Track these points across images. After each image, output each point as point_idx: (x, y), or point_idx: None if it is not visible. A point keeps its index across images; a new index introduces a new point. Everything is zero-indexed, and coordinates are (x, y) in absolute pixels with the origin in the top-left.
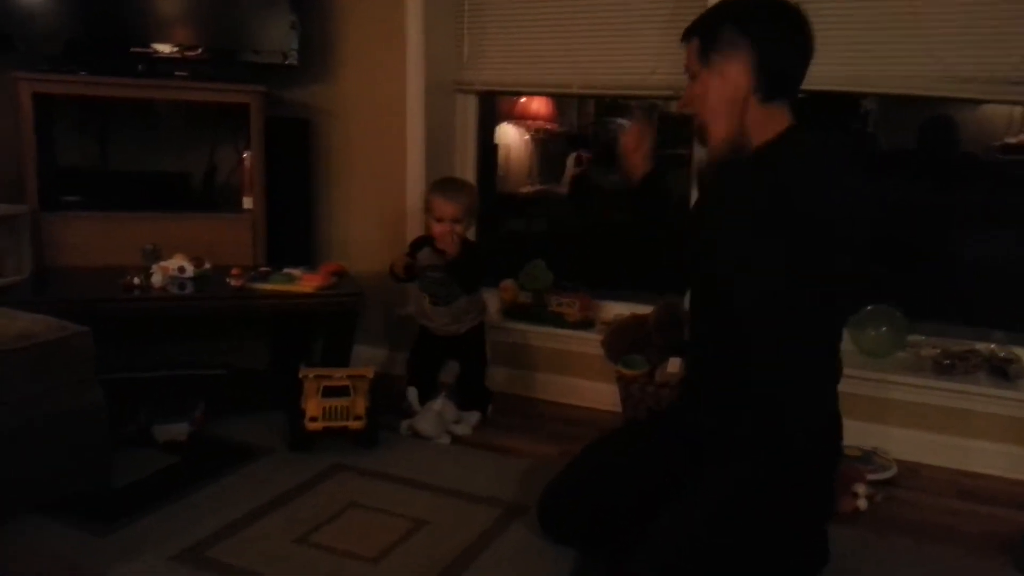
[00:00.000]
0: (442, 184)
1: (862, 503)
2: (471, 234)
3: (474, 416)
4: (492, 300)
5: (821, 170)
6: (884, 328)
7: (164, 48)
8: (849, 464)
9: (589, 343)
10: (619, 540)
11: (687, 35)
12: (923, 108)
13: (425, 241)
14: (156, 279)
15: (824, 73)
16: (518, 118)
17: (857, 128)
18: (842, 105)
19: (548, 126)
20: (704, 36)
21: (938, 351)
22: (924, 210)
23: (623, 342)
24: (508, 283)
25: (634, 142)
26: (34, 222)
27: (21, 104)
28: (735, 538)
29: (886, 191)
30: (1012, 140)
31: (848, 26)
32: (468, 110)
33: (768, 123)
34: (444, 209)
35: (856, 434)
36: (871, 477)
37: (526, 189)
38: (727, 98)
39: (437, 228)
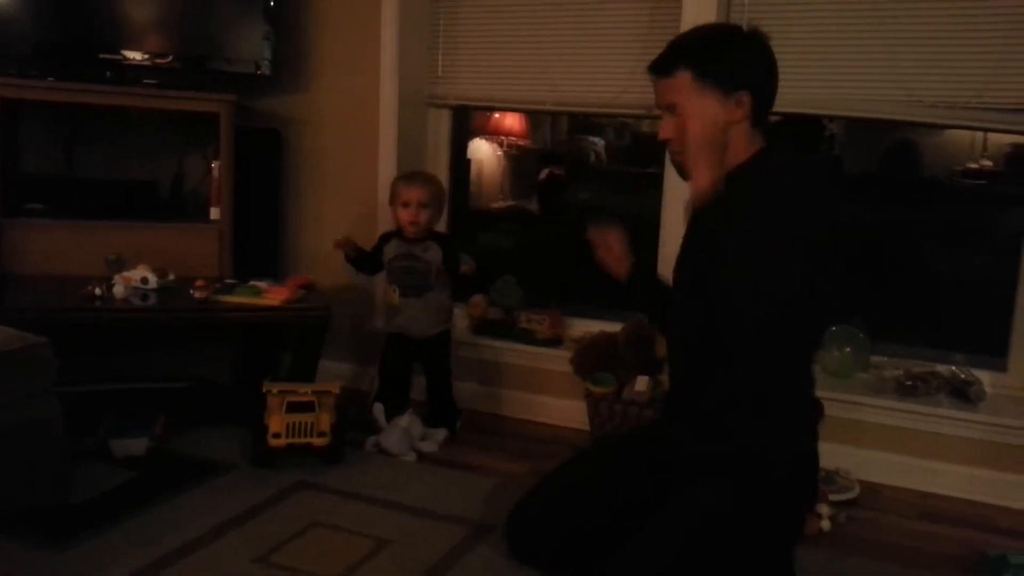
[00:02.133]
0: (408, 174)
1: (825, 524)
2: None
3: (441, 433)
4: (461, 316)
5: (799, 189)
6: (848, 349)
7: (134, 55)
8: None
9: (558, 360)
10: (588, 562)
11: (666, 68)
12: (888, 132)
13: (391, 235)
14: (118, 290)
15: (793, 96)
16: (491, 133)
17: (823, 151)
18: (808, 128)
19: (521, 142)
20: (697, 68)
21: (900, 372)
22: (887, 231)
23: (592, 359)
24: (478, 298)
25: (606, 251)
26: None
27: None
28: (701, 565)
29: (852, 211)
30: (974, 165)
31: (816, 50)
32: (441, 124)
33: (748, 146)
34: (409, 194)
35: (820, 454)
36: (833, 498)
37: (498, 204)
38: (717, 130)
39: (403, 213)
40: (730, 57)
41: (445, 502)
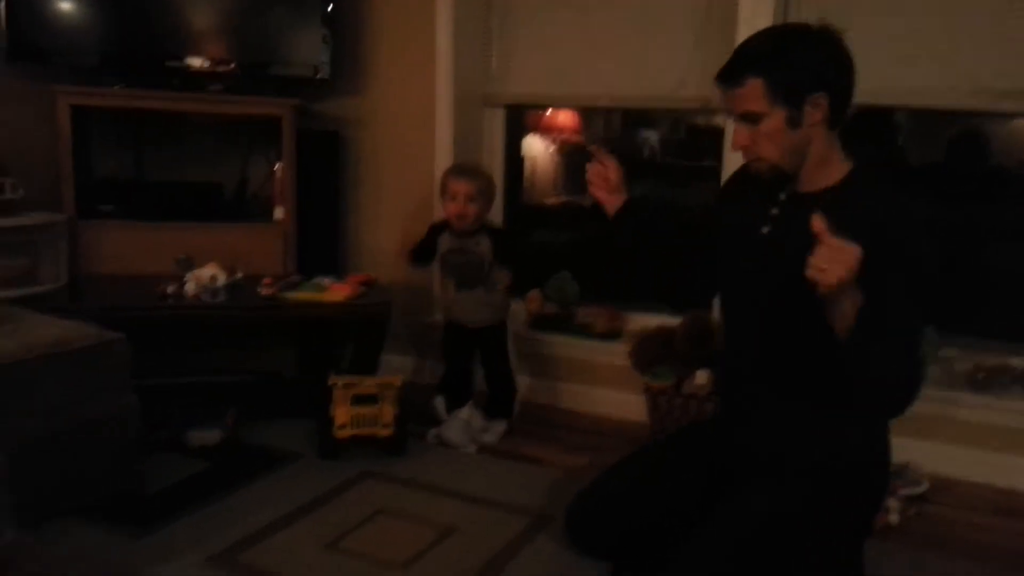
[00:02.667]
0: (457, 166)
1: (894, 518)
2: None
3: (501, 425)
4: (518, 311)
5: (908, 208)
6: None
7: (198, 62)
8: None
9: (616, 354)
10: (649, 555)
11: (735, 77)
12: (953, 122)
13: (444, 227)
14: (190, 288)
15: (859, 87)
16: (544, 130)
17: (888, 142)
18: (872, 119)
19: (574, 138)
20: (771, 77)
21: (971, 365)
22: (954, 223)
23: (651, 353)
24: (534, 294)
25: (599, 181)
26: (71, 231)
27: (59, 116)
28: (769, 560)
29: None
30: None
31: (879, 39)
32: (495, 123)
33: (829, 150)
34: (457, 187)
35: None
36: (903, 492)
37: (551, 201)
38: (796, 136)
39: (451, 206)
40: (801, 60)
41: (506, 492)
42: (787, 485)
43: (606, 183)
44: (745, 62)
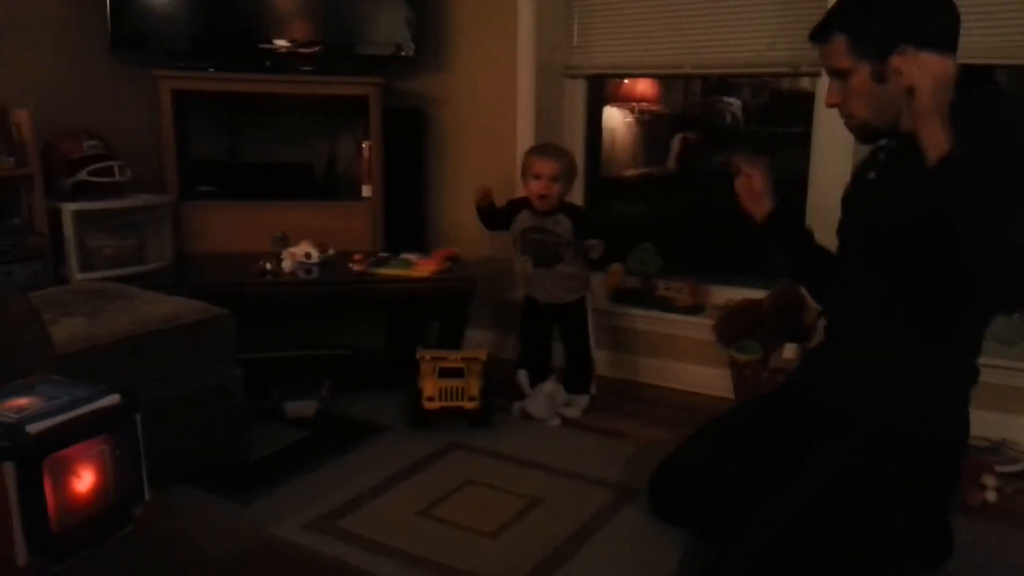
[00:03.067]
0: (540, 146)
1: (991, 496)
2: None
3: (583, 400)
4: (599, 284)
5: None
6: (1016, 314)
7: (287, 43)
8: (978, 455)
9: (698, 328)
10: (732, 522)
11: (822, 35)
12: None
13: (522, 204)
14: (286, 264)
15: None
16: (623, 100)
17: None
18: (972, 79)
19: (653, 107)
20: (855, 32)
21: None
22: None
23: (735, 327)
24: (616, 267)
25: (747, 191)
26: (175, 211)
27: (161, 100)
28: (845, 521)
29: None
30: None
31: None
32: (576, 95)
33: None
34: (541, 167)
35: (985, 424)
36: (1000, 469)
37: (631, 172)
38: (890, 92)
39: (534, 186)
40: (884, 13)
41: (590, 465)
42: (853, 449)
43: (751, 193)
44: (832, 19)
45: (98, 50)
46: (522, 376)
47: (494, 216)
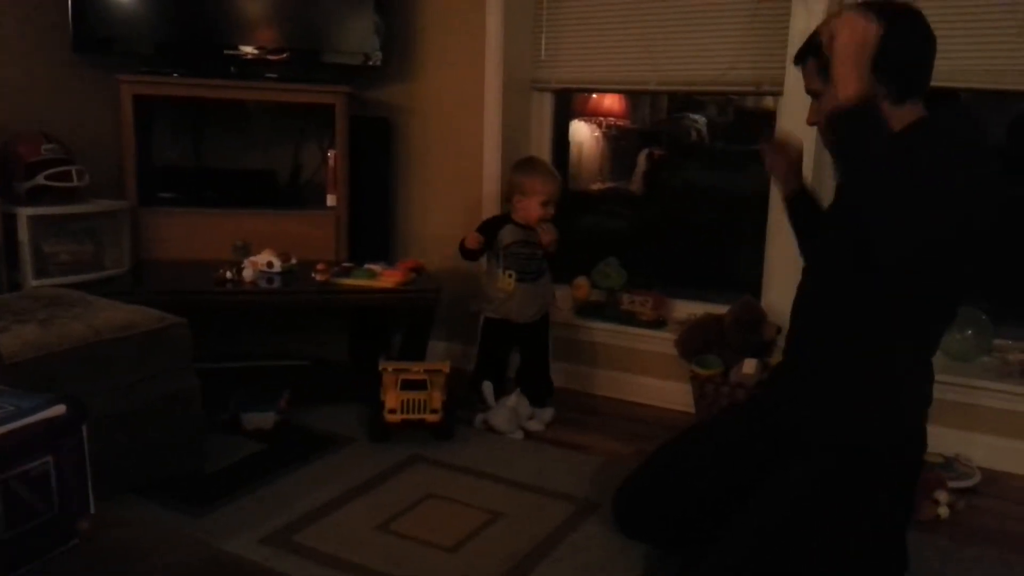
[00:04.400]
0: (532, 164)
1: (943, 511)
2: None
3: (548, 413)
4: (565, 297)
5: (958, 157)
6: (969, 331)
7: (253, 50)
8: (931, 470)
9: (661, 342)
10: (695, 538)
11: (800, 57)
12: (1015, 103)
13: (503, 220)
14: (247, 273)
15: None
16: (590, 115)
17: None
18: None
19: (620, 122)
20: (819, 56)
21: None
22: (1012, 208)
23: (697, 341)
24: (581, 281)
25: (781, 160)
26: (133, 218)
27: (122, 105)
28: (808, 539)
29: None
30: None
31: (939, 19)
32: (544, 108)
33: (899, 120)
34: (548, 189)
35: (939, 440)
36: (953, 484)
37: (597, 186)
38: None
39: (538, 209)
40: None
41: (553, 479)
42: (817, 465)
43: (785, 165)
44: (807, 44)
45: (60, 53)
46: (487, 388)
47: (481, 248)
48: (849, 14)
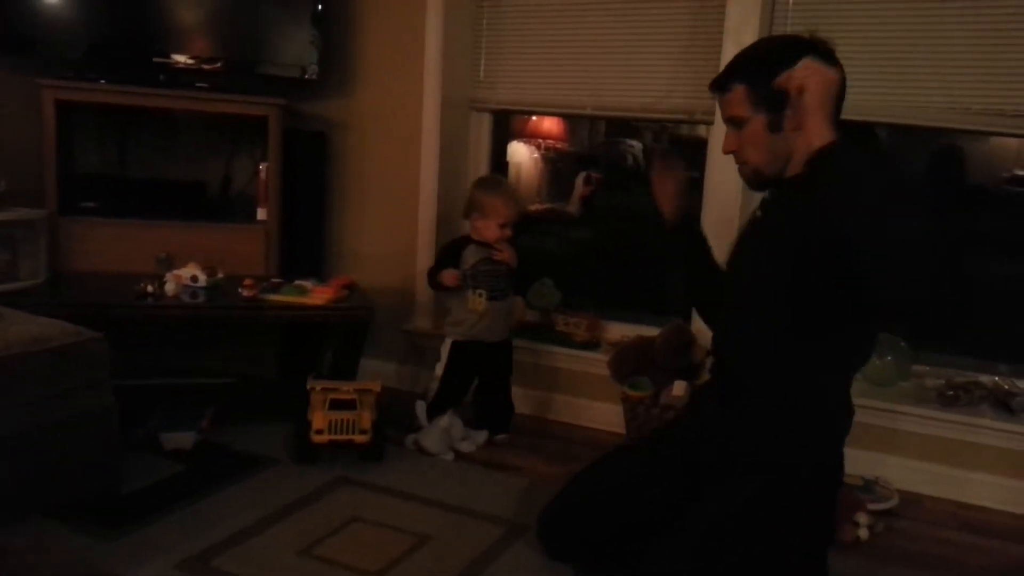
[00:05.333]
0: (496, 185)
1: (863, 532)
2: None
3: (481, 435)
4: None
5: (857, 194)
6: (889, 357)
7: (185, 59)
8: (850, 493)
9: (596, 363)
10: (620, 559)
11: (722, 84)
12: (933, 138)
13: (463, 242)
14: (169, 287)
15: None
16: (529, 136)
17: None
18: (855, 134)
19: (558, 145)
20: (753, 83)
21: (942, 382)
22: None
23: (629, 363)
24: (517, 300)
25: (663, 187)
26: (52, 227)
27: (44, 111)
28: (731, 561)
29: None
30: (1021, 172)
31: (861, 55)
32: (482, 128)
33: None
34: (506, 211)
35: (858, 463)
36: (872, 507)
37: (535, 207)
38: (775, 140)
39: (498, 231)
40: (782, 68)
41: (482, 501)
42: (743, 485)
43: (664, 192)
44: (732, 69)
45: None
46: (419, 408)
47: (459, 285)
48: (811, 63)
